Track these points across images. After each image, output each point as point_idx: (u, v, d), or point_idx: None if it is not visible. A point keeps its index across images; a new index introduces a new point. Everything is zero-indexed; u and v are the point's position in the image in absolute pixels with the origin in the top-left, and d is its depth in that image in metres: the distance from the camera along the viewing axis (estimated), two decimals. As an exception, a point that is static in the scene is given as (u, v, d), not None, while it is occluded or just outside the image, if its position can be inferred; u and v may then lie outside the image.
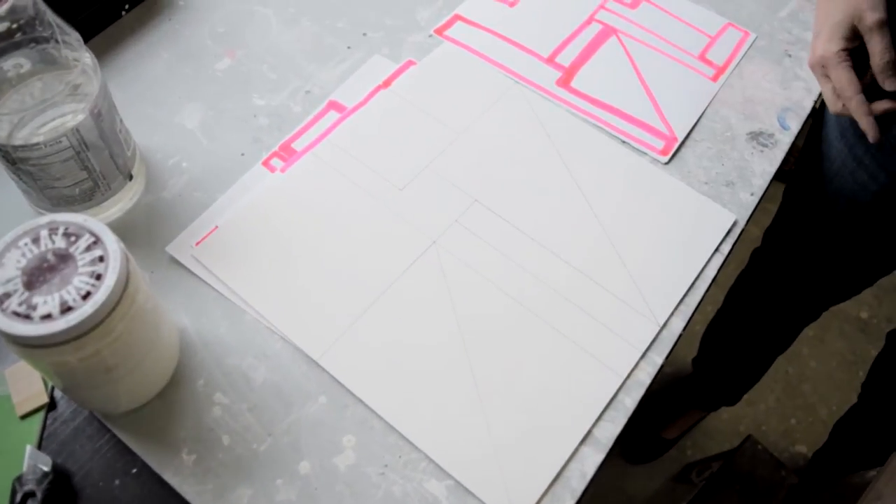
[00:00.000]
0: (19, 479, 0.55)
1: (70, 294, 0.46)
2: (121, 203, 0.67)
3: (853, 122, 0.80)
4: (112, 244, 0.48)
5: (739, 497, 1.21)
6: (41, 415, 0.59)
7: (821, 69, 0.69)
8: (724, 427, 1.56)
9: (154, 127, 0.74)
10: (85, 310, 0.46)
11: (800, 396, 1.63)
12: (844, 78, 0.66)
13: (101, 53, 0.78)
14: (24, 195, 0.65)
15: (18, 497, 0.54)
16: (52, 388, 0.60)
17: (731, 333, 1.30)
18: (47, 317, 0.46)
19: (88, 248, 0.48)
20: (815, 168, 0.91)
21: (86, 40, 0.75)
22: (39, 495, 0.54)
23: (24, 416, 0.59)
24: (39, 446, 0.58)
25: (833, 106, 0.69)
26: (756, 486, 1.21)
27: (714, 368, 1.40)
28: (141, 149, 0.70)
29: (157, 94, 0.76)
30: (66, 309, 0.46)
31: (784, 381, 1.63)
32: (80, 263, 0.48)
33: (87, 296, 0.46)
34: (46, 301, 0.46)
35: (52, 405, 0.59)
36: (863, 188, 0.83)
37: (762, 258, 1.13)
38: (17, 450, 0.57)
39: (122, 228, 0.66)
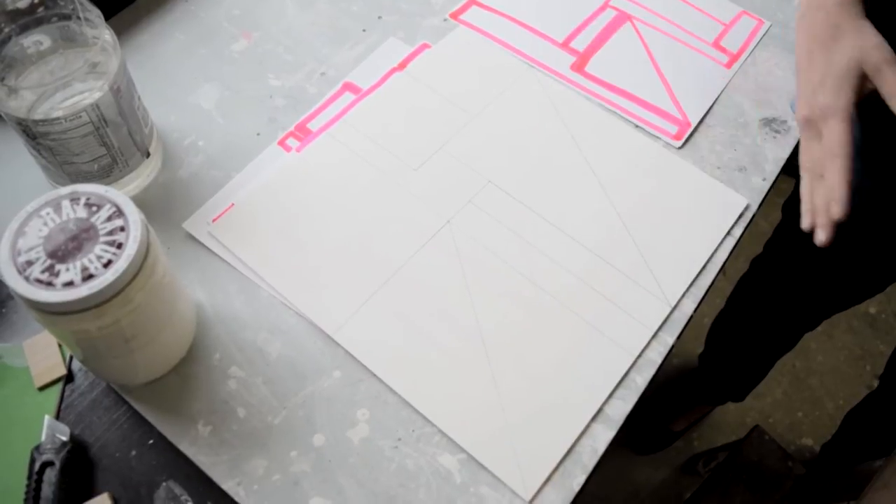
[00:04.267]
0: (38, 449, 0.55)
1: (92, 262, 0.47)
2: (138, 180, 0.68)
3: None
4: (133, 214, 0.49)
5: (746, 487, 1.21)
6: (59, 386, 0.60)
7: (813, 126, 0.61)
8: (731, 419, 1.57)
9: (171, 107, 0.74)
10: (106, 277, 0.46)
11: (807, 390, 1.63)
12: (843, 134, 0.58)
13: (119, 33, 0.78)
14: (43, 171, 0.65)
15: (37, 466, 0.55)
16: (70, 361, 0.61)
17: (735, 334, 1.30)
18: (69, 284, 0.46)
19: (110, 218, 0.49)
20: None
21: (105, 18, 0.76)
22: (58, 464, 0.55)
23: (42, 388, 0.60)
24: (58, 417, 0.58)
25: (806, 187, 0.61)
26: (763, 477, 1.21)
27: (719, 366, 1.41)
28: (158, 128, 0.71)
29: (173, 75, 0.77)
30: (87, 276, 0.47)
31: (791, 374, 1.63)
32: (101, 233, 0.48)
33: (108, 264, 0.47)
34: (69, 269, 0.47)
35: (69, 377, 0.60)
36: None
37: (763, 266, 1.13)
38: (35, 420, 0.57)
39: (139, 205, 0.65)
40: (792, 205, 1.03)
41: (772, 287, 1.12)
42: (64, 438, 0.56)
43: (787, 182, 0.84)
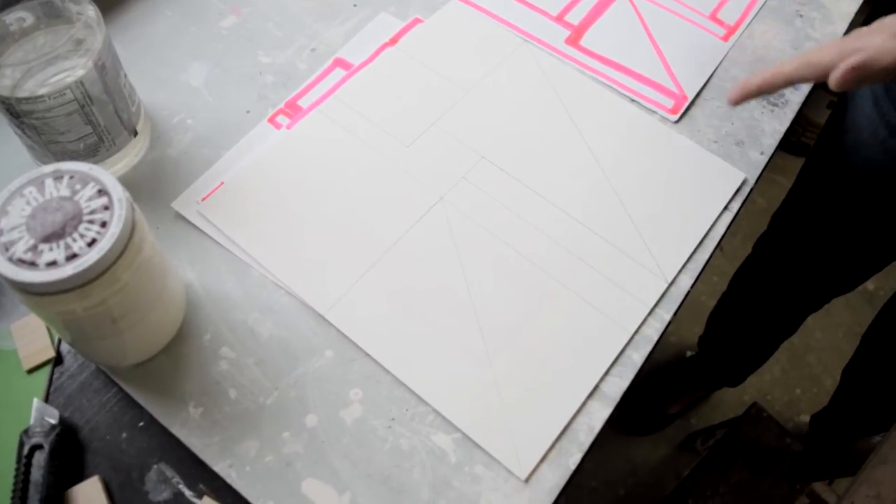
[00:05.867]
0: (27, 432, 0.55)
1: (76, 241, 0.46)
2: (126, 159, 0.67)
3: (888, 90, 0.79)
4: (117, 192, 0.48)
5: (744, 465, 1.21)
6: (48, 369, 0.59)
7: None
8: (730, 397, 1.56)
9: (159, 84, 0.73)
10: (90, 256, 0.45)
11: (805, 367, 1.62)
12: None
13: (107, 11, 0.77)
14: (28, 151, 0.64)
15: (26, 449, 0.54)
16: (59, 343, 0.60)
17: (736, 318, 1.29)
18: (52, 264, 0.45)
19: (94, 197, 0.48)
20: (841, 138, 0.89)
21: (90, -3, 0.75)
22: (47, 447, 0.54)
23: (30, 371, 0.59)
24: (47, 400, 0.58)
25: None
26: (761, 454, 1.21)
27: (719, 350, 1.40)
28: (146, 106, 0.70)
29: (162, 52, 0.75)
30: (71, 256, 0.46)
31: (789, 351, 1.62)
32: (85, 211, 0.47)
33: (92, 243, 0.46)
34: (52, 248, 0.46)
35: (58, 360, 0.59)
36: (893, 159, 0.82)
37: (768, 244, 1.12)
38: (24, 403, 0.57)
39: (127, 184, 0.65)
40: (811, 166, 1.01)
41: (776, 268, 1.11)
42: (53, 422, 0.55)
43: (784, 158, 0.83)
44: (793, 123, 0.77)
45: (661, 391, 1.51)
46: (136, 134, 0.66)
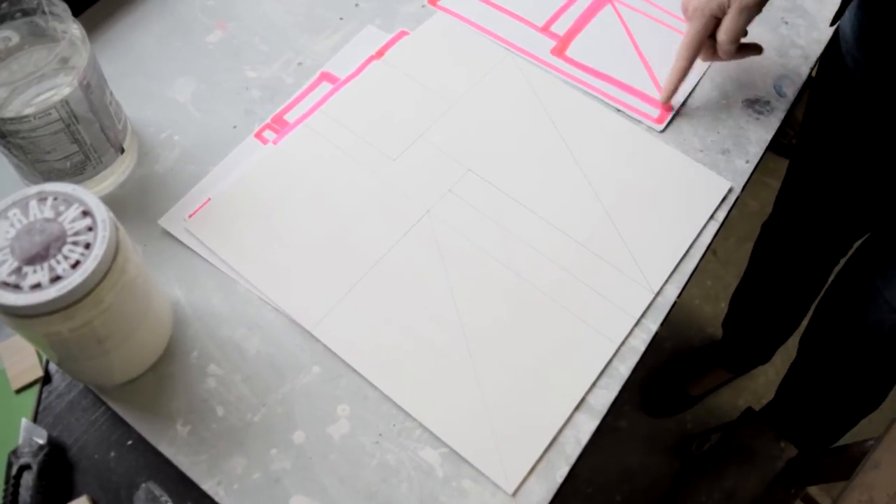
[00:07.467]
0: (15, 453, 0.55)
1: (59, 263, 0.46)
2: (113, 176, 0.67)
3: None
4: (101, 213, 0.48)
5: (738, 468, 1.21)
6: (36, 388, 0.59)
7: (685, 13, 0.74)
8: (724, 401, 1.56)
9: (146, 100, 0.73)
10: (74, 279, 0.46)
11: (800, 369, 1.62)
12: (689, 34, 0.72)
13: (93, 27, 0.77)
14: (15, 170, 0.64)
15: (14, 470, 0.54)
16: (47, 363, 0.60)
17: (764, 286, 1.31)
18: (37, 286, 0.45)
19: (78, 218, 0.48)
20: (834, 87, 0.91)
21: (77, 13, 0.75)
22: (35, 468, 0.54)
23: (19, 391, 0.59)
24: (35, 420, 0.58)
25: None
26: (755, 458, 1.21)
27: (746, 326, 1.42)
28: (133, 122, 0.70)
29: (148, 68, 0.75)
30: (55, 278, 0.46)
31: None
32: (69, 233, 0.47)
33: (76, 265, 0.46)
34: (36, 271, 0.46)
35: (46, 379, 0.59)
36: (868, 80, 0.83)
37: (787, 200, 1.14)
38: (12, 423, 0.57)
39: (114, 202, 0.66)
40: (799, 162, 1.05)
41: (795, 221, 1.14)
42: (41, 442, 0.55)
43: (776, 161, 0.83)
44: (783, 125, 0.77)
45: (683, 372, 1.53)
46: (122, 151, 0.67)
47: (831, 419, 1.21)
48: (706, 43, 0.73)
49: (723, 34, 0.70)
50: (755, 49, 0.76)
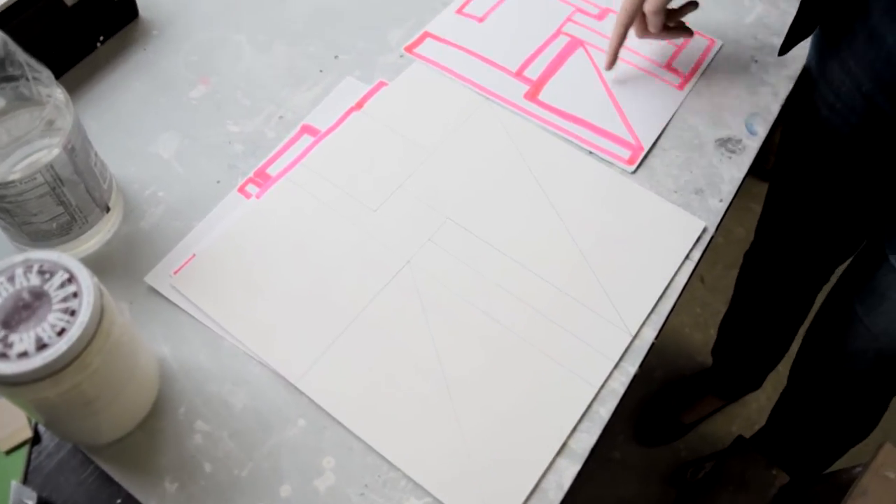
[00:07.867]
0: (5, 514, 0.55)
1: (45, 331, 0.47)
2: (99, 235, 0.68)
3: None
4: (86, 280, 0.49)
5: (731, 498, 1.21)
6: (25, 449, 0.60)
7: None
8: (717, 428, 1.57)
9: (130, 157, 0.75)
10: (60, 346, 0.47)
11: (790, 393, 1.63)
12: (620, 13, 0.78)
13: (76, 86, 0.78)
14: (2, 231, 0.66)
15: (5, 532, 0.55)
16: (36, 423, 0.61)
17: (750, 314, 1.33)
18: (23, 354, 0.46)
19: (63, 285, 0.49)
20: (802, 118, 0.93)
21: (61, 73, 0.77)
22: (25, 529, 0.55)
23: (8, 452, 0.59)
24: (25, 480, 0.58)
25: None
26: (748, 487, 1.22)
27: (735, 354, 1.43)
28: (117, 179, 0.71)
29: (132, 125, 0.77)
30: (41, 346, 0.47)
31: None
32: (54, 300, 0.48)
33: (61, 332, 0.47)
34: (22, 339, 0.47)
35: (36, 439, 0.60)
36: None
37: (766, 230, 1.16)
38: (2, 485, 0.57)
39: (100, 260, 0.67)
40: (775, 193, 1.08)
41: (778, 248, 1.15)
42: (31, 503, 0.56)
43: (759, 186, 0.85)
44: (763, 150, 0.79)
45: (675, 400, 1.54)
46: (108, 210, 0.68)
47: (822, 447, 1.22)
48: (640, 17, 0.78)
49: (648, 5, 0.75)
50: (685, 31, 0.82)
